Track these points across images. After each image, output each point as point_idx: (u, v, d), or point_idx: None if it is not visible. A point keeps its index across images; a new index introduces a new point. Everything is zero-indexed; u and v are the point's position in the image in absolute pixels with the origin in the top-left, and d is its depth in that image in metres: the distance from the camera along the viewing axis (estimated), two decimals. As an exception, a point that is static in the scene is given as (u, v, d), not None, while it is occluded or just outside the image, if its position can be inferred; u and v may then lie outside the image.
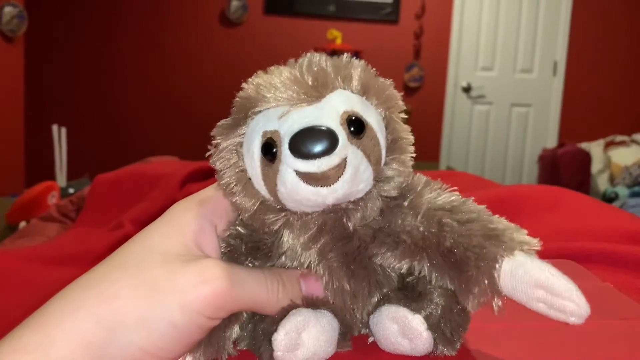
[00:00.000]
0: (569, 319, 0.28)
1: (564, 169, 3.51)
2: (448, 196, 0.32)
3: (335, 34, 3.65)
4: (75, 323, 0.27)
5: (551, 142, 4.09)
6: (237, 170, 0.31)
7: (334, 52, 3.71)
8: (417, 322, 0.31)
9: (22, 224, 1.92)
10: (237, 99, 0.31)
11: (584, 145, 3.68)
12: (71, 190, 2.33)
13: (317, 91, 0.29)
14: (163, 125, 3.94)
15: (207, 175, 1.10)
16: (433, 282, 0.32)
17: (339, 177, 0.28)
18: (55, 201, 2.01)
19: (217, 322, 0.30)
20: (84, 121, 3.83)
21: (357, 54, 0.31)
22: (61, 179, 3.10)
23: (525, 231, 0.30)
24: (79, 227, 1.01)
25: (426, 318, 0.31)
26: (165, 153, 2.10)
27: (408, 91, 4.00)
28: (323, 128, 0.28)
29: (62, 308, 0.28)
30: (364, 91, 0.31)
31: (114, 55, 3.86)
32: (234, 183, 0.31)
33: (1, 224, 1.99)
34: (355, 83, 0.31)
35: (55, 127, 3.15)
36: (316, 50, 0.32)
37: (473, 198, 0.32)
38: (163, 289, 0.28)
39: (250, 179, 0.31)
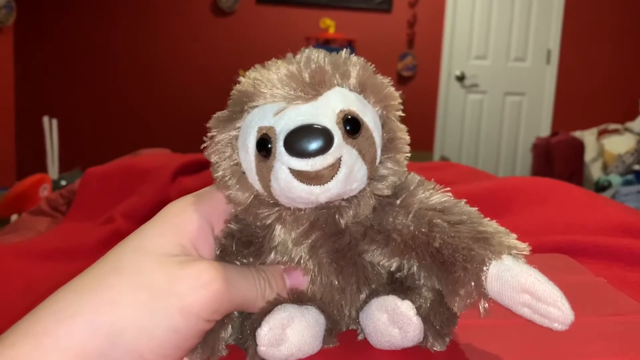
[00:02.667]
0: (552, 325, 0.28)
1: (558, 157, 3.52)
2: (440, 197, 0.32)
3: (328, 23, 3.63)
4: (71, 331, 0.26)
5: (544, 130, 4.10)
6: (231, 163, 0.31)
7: (326, 41, 3.69)
8: (406, 307, 0.30)
9: (14, 216, 1.91)
10: (234, 91, 0.31)
11: (577, 133, 3.68)
12: (63, 183, 2.32)
13: (314, 89, 0.29)
14: (155, 117, 3.92)
15: (199, 168, 1.10)
16: (422, 281, 0.32)
17: (332, 176, 0.28)
18: (47, 193, 2.00)
19: (213, 324, 0.30)
20: (75, 113, 3.80)
21: (350, 43, 0.31)
22: (53, 171, 3.09)
23: (515, 235, 0.30)
24: (70, 221, 1.00)
25: (416, 310, 0.31)
26: (157, 144, 2.09)
27: (401, 80, 3.99)
28: (318, 127, 0.27)
29: (56, 314, 0.27)
30: (362, 89, 0.31)
31: (105, 45, 3.82)
32: (228, 176, 0.31)
33: (-8, 217, 1.98)
34: (352, 80, 0.31)
35: (46, 119, 3.13)
36: (308, 39, 0.32)
37: (465, 200, 0.32)
38: (162, 293, 0.27)
39: (244, 173, 0.30)
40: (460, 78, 4.07)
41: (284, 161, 0.28)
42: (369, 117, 0.30)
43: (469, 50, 4.05)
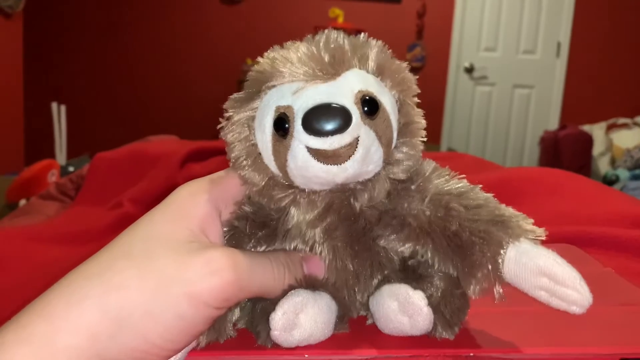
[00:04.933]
0: (570, 308, 0.28)
1: (566, 151, 3.50)
2: (456, 182, 0.32)
3: (337, 13, 3.62)
4: (81, 313, 0.26)
5: (553, 124, 4.07)
6: (247, 144, 0.31)
7: (335, 31, 3.66)
8: (418, 298, 0.30)
9: (22, 202, 1.92)
10: (252, 72, 0.31)
11: (585, 127, 3.66)
12: (71, 169, 2.33)
13: (333, 68, 0.29)
14: (163, 104, 3.92)
15: (207, 155, 1.10)
16: (436, 266, 0.32)
17: (350, 156, 0.28)
18: (55, 179, 2.01)
19: (224, 311, 0.30)
20: (83, 99, 3.81)
21: (358, 33, 0.31)
22: (61, 157, 3.10)
23: (532, 220, 0.30)
24: (78, 205, 1.00)
25: (427, 300, 0.31)
26: (165, 131, 2.09)
27: (410, 71, 3.95)
28: (337, 106, 0.27)
29: (67, 297, 0.27)
30: (379, 72, 0.31)
31: (114, 32, 3.82)
32: (244, 157, 0.31)
33: (1, 202, 1.99)
34: (371, 63, 0.31)
35: (54, 105, 3.14)
36: (317, 28, 0.32)
37: (481, 185, 0.32)
38: (170, 279, 0.27)
39: (260, 153, 0.30)
40: (469, 70, 4.04)
41: (301, 139, 0.28)
42: (386, 100, 0.30)
43: (478, 41, 4.03)
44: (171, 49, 3.87)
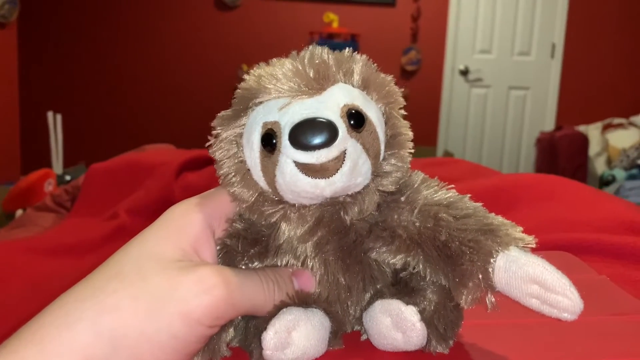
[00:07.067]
0: (561, 314, 0.28)
1: (562, 152, 3.51)
2: (444, 192, 0.32)
3: (332, 17, 3.62)
4: (74, 336, 0.26)
5: (549, 125, 4.08)
6: (236, 160, 0.31)
7: (330, 36, 3.68)
8: (410, 313, 0.30)
9: (19, 211, 1.92)
10: (238, 90, 0.31)
11: (581, 128, 3.67)
12: (67, 178, 2.33)
13: (318, 83, 0.29)
14: (159, 112, 3.92)
15: (203, 164, 1.10)
16: (427, 277, 0.32)
17: (337, 169, 0.28)
18: (51, 188, 2.00)
19: (217, 329, 0.30)
20: (79, 108, 3.81)
21: (354, 38, 0.31)
22: (57, 166, 3.09)
23: (521, 228, 0.30)
24: (74, 217, 1.00)
25: (419, 313, 0.31)
26: (161, 140, 2.09)
27: (405, 75, 3.97)
28: (323, 120, 0.28)
29: (59, 319, 0.27)
30: (365, 86, 0.31)
31: (109, 40, 3.82)
32: (233, 173, 0.31)
33: (-3, 212, 1.99)
34: (356, 77, 0.31)
35: (50, 114, 3.13)
36: (312, 34, 0.32)
37: (470, 195, 0.32)
38: (163, 299, 0.27)
39: (249, 170, 0.31)
40: (464, 72, 4.05)
41: (289, 154, 0.28)
42: (372, 113, 0.30)
43: (473, 44, 4.03)
44: (166, 56, 3.87)
